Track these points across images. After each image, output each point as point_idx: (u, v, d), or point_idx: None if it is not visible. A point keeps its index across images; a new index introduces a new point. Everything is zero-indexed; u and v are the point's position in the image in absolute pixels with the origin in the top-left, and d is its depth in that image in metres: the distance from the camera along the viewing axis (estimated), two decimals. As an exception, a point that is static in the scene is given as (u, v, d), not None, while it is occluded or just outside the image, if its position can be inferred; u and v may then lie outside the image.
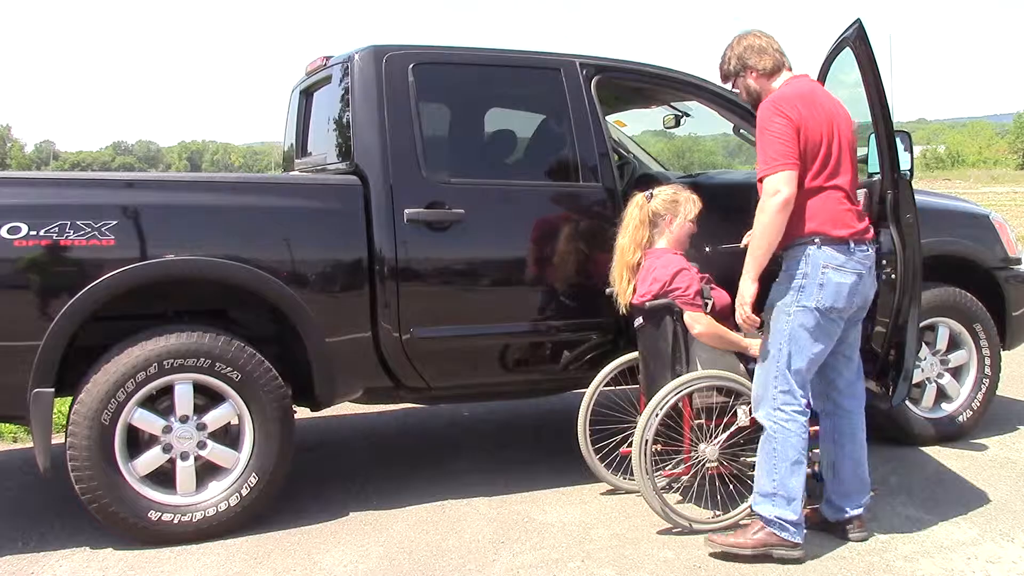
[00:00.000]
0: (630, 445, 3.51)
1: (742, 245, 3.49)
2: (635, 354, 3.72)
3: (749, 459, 3.55)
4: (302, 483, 3.93)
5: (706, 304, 3.49)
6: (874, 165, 3.66)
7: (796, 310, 3.13)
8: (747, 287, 3.16)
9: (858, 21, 3.55)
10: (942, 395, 4.51)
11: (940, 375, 4.49)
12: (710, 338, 3.47)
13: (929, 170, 52.04)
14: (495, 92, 4.15)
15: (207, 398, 3.43)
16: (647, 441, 3.35)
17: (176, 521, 3.34)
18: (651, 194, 3.67)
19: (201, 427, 3.40)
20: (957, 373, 4.53)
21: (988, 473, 4.06)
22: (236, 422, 3.48)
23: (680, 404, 3.42)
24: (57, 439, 3.51)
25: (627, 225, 3.64)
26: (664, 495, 3.43)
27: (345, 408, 4.44)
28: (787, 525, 3.15)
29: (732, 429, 3.44)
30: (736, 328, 3.58)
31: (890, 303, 3.49)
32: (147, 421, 3.34)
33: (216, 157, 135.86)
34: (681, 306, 3.46)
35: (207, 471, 3.45)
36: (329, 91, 4.16)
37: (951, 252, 4.49)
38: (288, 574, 3.15)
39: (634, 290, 3.59)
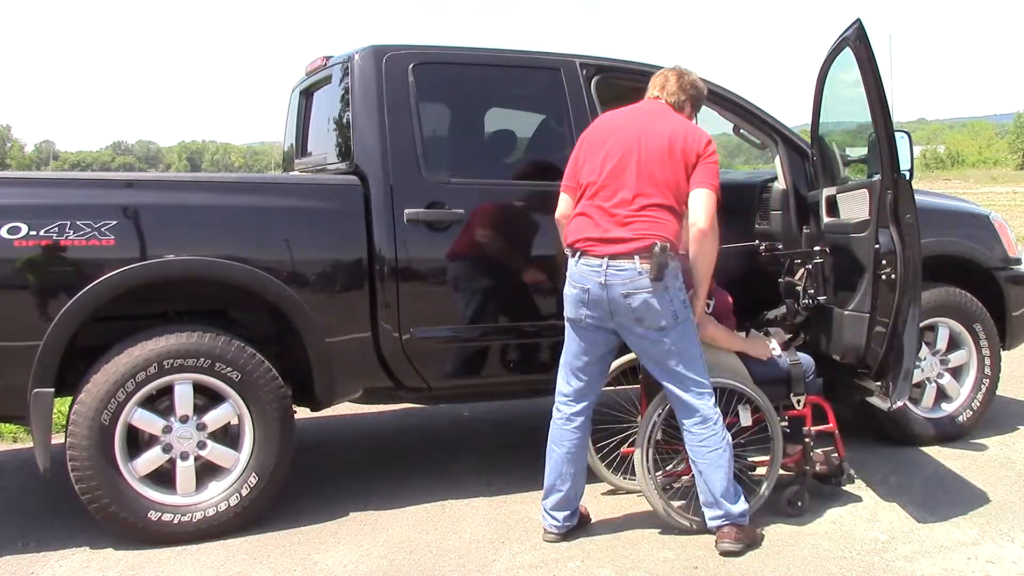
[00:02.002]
0: (631, 445, 3.51)
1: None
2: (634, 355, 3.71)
3: (750, 459, 3.56)
4: (302, 483, 3.93)
5: (708, 306, 3.48)
6: (874, 165, 3.66)
7: None
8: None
9: (858, 21, 3.56)
10: (942, 395, 4.51)
11: (940, 375, 4.49)
12: (711, 339, 3.46)
13: (929, 170, 52.07)
14: (495, 92, 4.15)
15: (207, 398, 3.43)
16: (650, 441, 3.35)
17: (176, 521, 3.34)
18: None
19: (201, 427, 3.40)
20: (957, 373, 4.53)
21: (988, 473, 4.05)
22: (236, 422, 3.47)
23: None
24: (57, 439, 3.51)
25: None
26: (666, 495, 3.43)
27: (345, 408, 4.44)
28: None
29: (734, 430, 3.43)
30: (737, 329, 3.58)
31: (890, 303, 3.50)
32: (147, 421, 3.34)
33: (216, 157, 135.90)
34: None
35: (207, 471, 3.45)
36: (329, 91, 4.16)
37: (951, 252, 4.49)
38: (288, 574, 3.15)
39: None
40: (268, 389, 3.43)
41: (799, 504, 3.55)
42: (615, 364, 3.75)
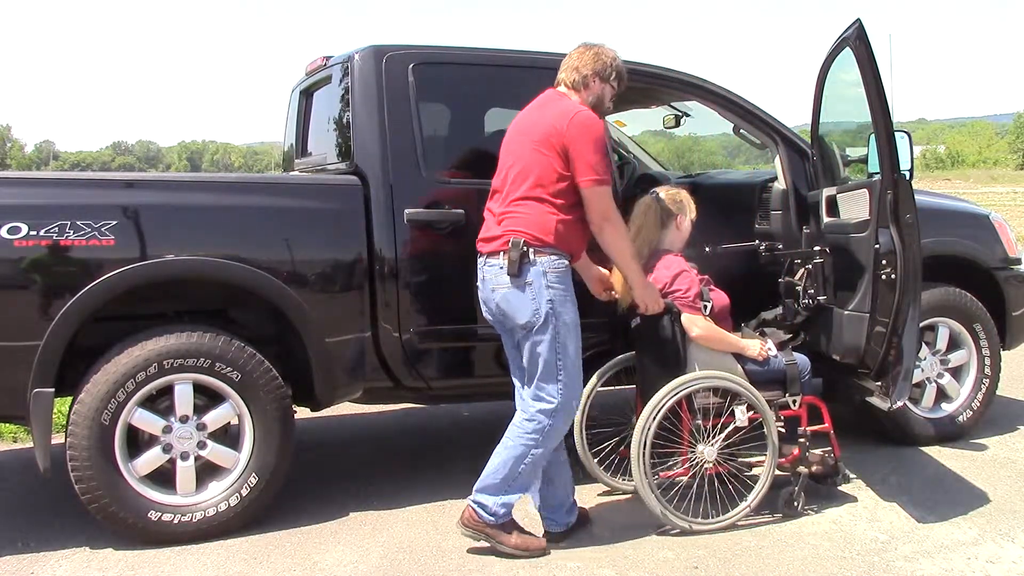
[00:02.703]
0: (628, 446, 3.51)
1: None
2: (631, 355, 3.72)
3: (746, 459, 3.56)
4: (302, 483, 3.93)
5: (705, 306, 3.48)
6: (874, 165, 3.66)
7: None
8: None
9: (858, 21, 3.56)
10: (942, 395, 4.51)
11: (940, 375, 4.49)
12: (708, 340, 3.47)
13: (929, 170, 52.11)
14: (495, 92, 4.14)
15: (207, 398, 3.43)
16: (646, 443, 3.34)
17: (176, 521, 3.34)
18: (656, 194, 3.66)
19: (201, 427, 3.40)
20: (957, 373, 4.53)
21: (988, 473, 4.05)
22: (236, 422, 3.47)
23: (678, 405, 3.42)
24: (57, 439, 3.51)
25: (639, 227, 3.59)
26: (662, 496, 3.42)
27: (345, 408, 4.43)
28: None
29: (730, 429, 3.43)
30: (734, 329, 3.56)
31: (890, 303, 3.50)
32: (147, 421, 3.34)
33: (216, 157, 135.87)
34: (680, 308, 3.45)
35: (207, 471, 3.45)
36: (329, 91, 4.16)
37: (951, 252, 4.49)
38: (288, 574, 3.15)
39: None
40: (268, 389, 3.43)
41: (796, 504, 3.55)
42: (611, 364, 3.75)
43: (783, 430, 3.61)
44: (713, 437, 3.45)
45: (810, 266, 4.02)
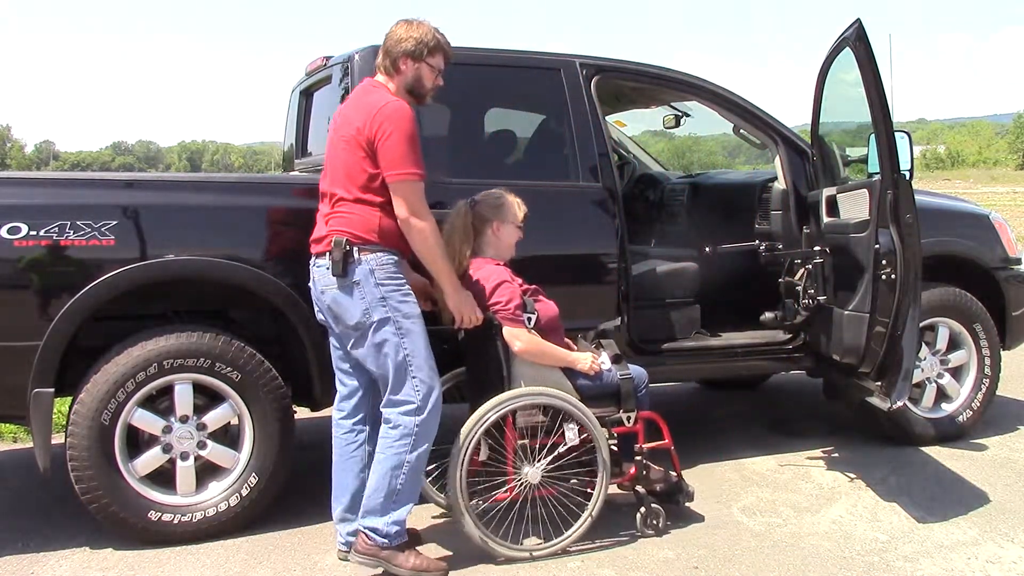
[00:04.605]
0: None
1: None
2: (463, 369, 3.51)
3: (576, 481, 3.32)
4: (302, 483, 3.92)
5: (529, 319, 3.26)
6: (874, 165, 3.66)
7: None
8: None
9: (858, 21, 3.56)
10: (942, 395, 4.52)
11: (940, 375, 4.50)
12: (532, 354, 3.23)
13: (929, 170, 52.14)
14: (495, 92, 4.15)
15: (207, 398, 3.43)
16: (462, 464, 3.14)
17: (176, 521, 3.34)
18: (474, 200, 3.39)
19: (201, 427, 3.40)
20: (957, 373, 4.54)
21: (988, 473, 4.06)
22: (236, 422, 3.47)
23: (503, 424, 3.21)
24: (57, 439, 3.51)
25: (449, 235, 3.28)
26: (481, 521, 3.18)
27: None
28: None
29: (560, 450, 3.22)
30: (563, 342, 3.31)
31: (890, 303, 3.50)
32: (147, 421, 3.34)
33: (216, 157, 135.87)
34: (500, 321, 3.20)
35: (207, 471, 3.45)
36: (329, 91, 4.16)
37: (951, 252, 4.49)
38: (288, 574, 3.15)
39: None
40: (268, 389, 3.43)
41: (656, 523, 3.38)
42: (442, 378, 3.34)
43: (615, 448, 3.41)
44: (540, 458, 3.23)
45: (810, 266, 4.02)
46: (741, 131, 4.44)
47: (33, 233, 3.17)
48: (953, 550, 3.27)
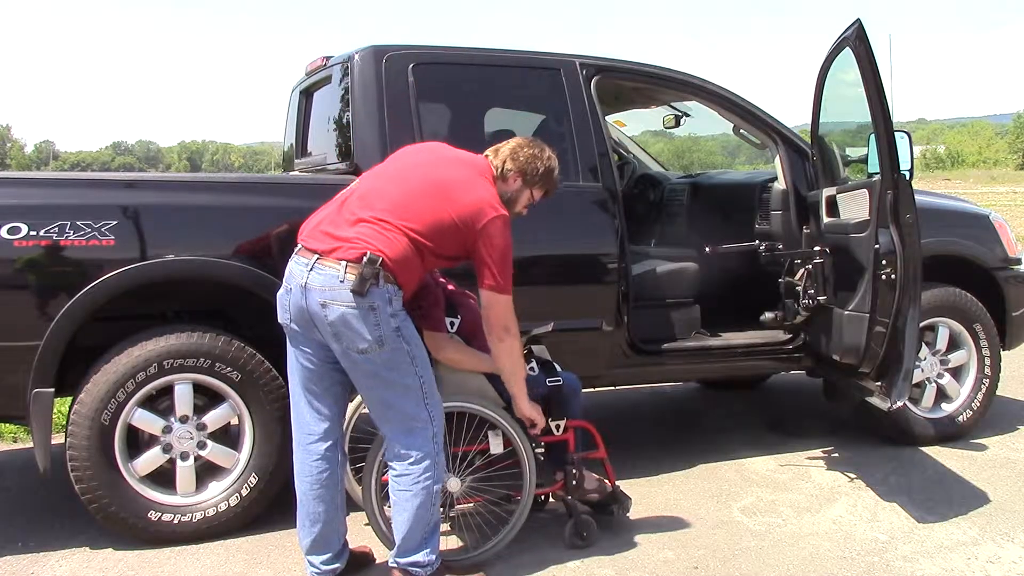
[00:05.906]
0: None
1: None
2: None
3: (501, 490, 3.23)
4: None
5: (452, 323, 3.16)
6: (874, 165, 3.66)
7: None
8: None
9: (858, 21, 3.56)
10: (942, 395, 4.52)
11: (940, 375, 4.50)
12: (453, 362, 3.11)
13: (929, 170, 52.15)
14: (495, 92, 4.15)
15: (207, 398, 3.43)
16: (374, 473, 3.06)
17: (176, 521, 3.34)
18: None
19: (201, 427, 3.40)
20: (957, 373, 4.54)
21: (988, 473, 4.06)
22: (236, 422, 3.48)
23: None
24: (57, 439, 3.51)
25: None
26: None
27: (345, 408, 4.43)
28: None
29: (484, 460, 3.14)
30: (486, 348, 3.07)
31: (890, 303, 3.50)
32: (147, 421, 3.34)
33: (216, 157, 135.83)
34: (421, 326, 3.02)
35: (207, 471, 3.45)
36: (329, 91, 4.16)
37: (951, 252, 4.49)
38: (288, 574, 3.15)
39: None
40: (268, 389, 3.43)
41: (584, 535, 3.27)
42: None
43: (542, 457, 3.31)
44: (462, 467, 3.14)
45: (810, 266, 4.02)
46: (741, 131, 4.44)
47: (33, 233, 3.17)
48: (953, 550, 3.27)
